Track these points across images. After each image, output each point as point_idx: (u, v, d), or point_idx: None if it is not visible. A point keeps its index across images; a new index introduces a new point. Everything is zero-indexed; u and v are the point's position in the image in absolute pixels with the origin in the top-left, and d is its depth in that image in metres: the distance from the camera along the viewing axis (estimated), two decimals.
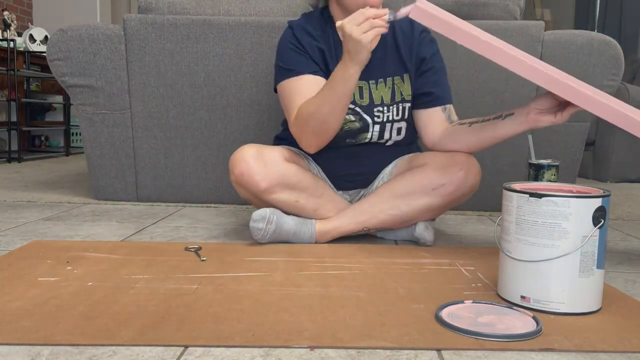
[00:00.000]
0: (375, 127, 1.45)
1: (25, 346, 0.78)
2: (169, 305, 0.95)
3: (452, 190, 1.35)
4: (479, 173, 1.37)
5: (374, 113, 1.44)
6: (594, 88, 1.15)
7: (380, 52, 1.43)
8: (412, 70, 1.46)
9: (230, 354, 0.77)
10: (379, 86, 1.45)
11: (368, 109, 1.44)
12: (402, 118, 1.46)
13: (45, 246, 1.34)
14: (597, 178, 3.25)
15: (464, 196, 1.38)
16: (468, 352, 0.79)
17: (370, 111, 1.44)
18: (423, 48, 1.46)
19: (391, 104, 1.45)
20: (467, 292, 1.06)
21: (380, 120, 1.45)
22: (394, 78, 1.45)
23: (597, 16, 5.09)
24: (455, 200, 1.38)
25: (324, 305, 0.96)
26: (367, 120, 1.44)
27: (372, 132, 1.45)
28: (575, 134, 1.97)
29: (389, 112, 1.45)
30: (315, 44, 1.42)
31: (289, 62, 1.40)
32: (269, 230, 1.37)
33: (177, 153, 2.03)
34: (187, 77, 1.97)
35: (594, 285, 0.94)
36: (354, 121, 1.43)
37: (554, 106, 1.18)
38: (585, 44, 1.91)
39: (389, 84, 1.45)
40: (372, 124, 1.44)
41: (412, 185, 1.38)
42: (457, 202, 1.40)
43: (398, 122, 1.46)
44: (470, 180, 1.36)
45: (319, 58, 1.43)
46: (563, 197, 0.92)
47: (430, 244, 1.43)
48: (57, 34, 1.97)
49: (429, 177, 1.36)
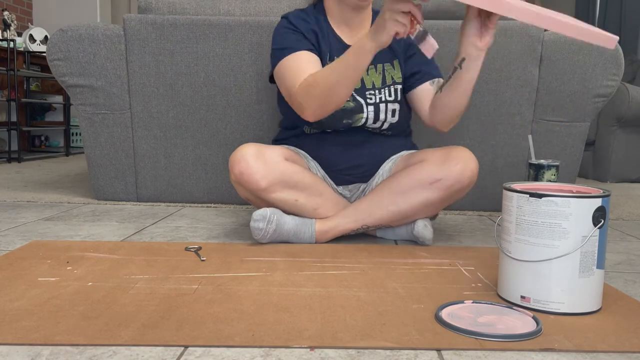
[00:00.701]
0: (370, 107, 1.48)
1: (25, 346, 0.78)
2: (169, 305, 0.95)
3: (450, 184, 1.36)
4: (476, 166, 1.38)
5: (366, 95, 1.48)
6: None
7: None
8: (400, 56, 1.52)
9: (230, 354, 0.77)
10: (370, 72, 1.49)
11: (360, 91, 1.48)
12: (395, 99, 1.50)
13: (45, 246, 1.34)
14: (597, 178, 3.25)
15: (462, 190, 1.39)
16: (468, 352, 0.79)
17: (362, 94, 1.48)
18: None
19: (382, 87, 1.50)
20: (467, 292, 1.06)
21: (373, 101, 1.48)
22: (384, 64, 1.50)
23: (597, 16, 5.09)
24: (454, 194, 1.39)
25: (324, 305, 0.96)
26: (360, 101, 1.47)
27: (367, 112, 1.48)
28: (575, 134, 1.97)
29: (380, 94, 1.49)
30: (310, 27, 1.47)
31: (285, 42, 1.43)
32: (269, 230, 1.37)
33: (177, 153, 2.03)
34: (187, 77, 1.97)
35: (594, 285, 0.94)
36: (348, 101, 1.46)
37: (480, 24, 1.19)
38: (585, 44, 1.91)
39: (379, 69, 1.50)
40: (365, 105, 1.47)
41: (410, 182, 1.39)
42: (456, 197, 1.41)
43: (392, 102, 1.50)
44: (468, 174, 1.36)
45: (314, 40, 1.47)
46: (563, 197, 0.92)
47: (429, 243, 1.43)
48: (57, 34, 1.97)
49: (427, 173, 1.37)
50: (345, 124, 1.48)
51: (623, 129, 3.15)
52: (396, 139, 1.56)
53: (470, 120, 1.96)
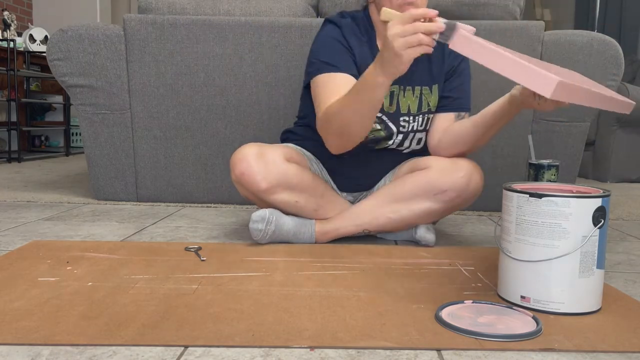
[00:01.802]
0: (400, 136, 1.42)
1: (25, 346, 0.78)
2: (169, 305, 0.95)
3: (454, 196, 1.34)
4: (481, 179, 1.36)
5: (399, 122, 1.40)
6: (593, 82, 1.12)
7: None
8: (441, 82, 1.42)
9: (230, 354, 0.77)
10: (407, 94, 1.40)
11: (394, 117, 1.40)
12: (424, 129, 1.44)
13: (45, 246, 1.34)
14: (597, 178, 3.25)
15: (466, 202, 1.37)
16: (468, 352, 0.79)
17: (396, 120, 1.40)
18: (453, 55, 1.42)
19: (417, 113, 1.41)
20: (467, 292, 1.06)
21: (405, 130, 1.41)
22: (422, 88, 1.40)
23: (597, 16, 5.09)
24: (457, 206, 1.37)
25: (324, 305, 0.96)
26: (392, 129, 1.40)
27: (394, 140, 1.43)
28: (575, 134, 1.97)
29: (414, 122, 1.41)
30: (362, 47, 1.36)
31: (331, 57, 1.32)
32: (268, 231, 1.37)
33: (177, 153, 2.03)
34: (187, 77, 1.97)
35: (594, 285, 0.94)
36: (379, 130, 1.40)
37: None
38: (585, 44, 1.91)
39: (417, 93, 1.40)
40: (396, 134, 1.41)
41: (414, 190, 1.36)
42: (459, 208, 1.39)
43: (420, 132, 1.44)
44: (472, 187, 1.34)
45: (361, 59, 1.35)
46: (563, 197, 0.92)
47: (432, 245, 1.43)
48: (57, 34, 1.97)
49: (431, 183, 1.34)
50: (369, 147, 1.43)
51: (623, 129, 3.15)
52: (414, 155, 1.49)
53: None
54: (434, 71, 1.41)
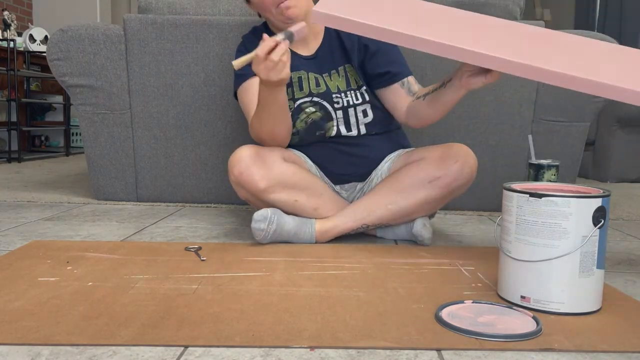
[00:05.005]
0: (338, 112, 1.48)
1: (25, 346, 0.78)
2: (169, 305, 0.95)
3: (449, 181, 1.37)
4: (475, 163, 1.39)
5: (332, 99, 1.48)
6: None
7: (327, 47, 1.50)
8: (356, 60, 1.49)
9: (230, 354, 0.77)
10: (333, 77, 1.50)
11: (326, 95, 1.48)
12: (363, 101, 1.49)
13: (45, 246, 1.34)
14: (597, 178, 3.25)
15: (462, 187, 1.39)
16: (468, 352, 0.79)
17: (328, 98, 1.48)
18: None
19: (347, 89, 1.49)
20: (467, 292, 1.06)
21: (340, 105, 1.48)
22: (344, 66, 1.50)
23: (597, 16, 5.09)
24: (453, 191, 1.39)
25: (324, 305, 0.96)
26: (326, 107, 1.48)
27: (336, 119, 1.48)
28: (575, 134, 1.97)
29: (347, 97, 1.49)
30: None
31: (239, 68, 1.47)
32: (270, 231, 1.37)
33: (177, 153, 2.03)
34: (187, 77, 1.97)
35: (594, 285, 0.94)
36: (315, 112, 1.47)
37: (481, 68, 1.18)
38: None
39: (342, 72, 1.50)
40: (333, 110, 1.48)
41: (409, 180, 1.39)
42: (455, 194, 1.41)
43: (360, 105, 1.49)
44: (467, 171, 1.37)
45: None
46: (563, 197, 0.92)
47: (428, 243, 1.43)
48: (57, 34, 1.97)
49: (426, 171, 1.38)
50: (318, 136, 1.49)
51: (623, 129, 3.15)
52: (383, 136, 1.53)
53: (470, 121, 1.96)
54: (348, 50, 1.50)
